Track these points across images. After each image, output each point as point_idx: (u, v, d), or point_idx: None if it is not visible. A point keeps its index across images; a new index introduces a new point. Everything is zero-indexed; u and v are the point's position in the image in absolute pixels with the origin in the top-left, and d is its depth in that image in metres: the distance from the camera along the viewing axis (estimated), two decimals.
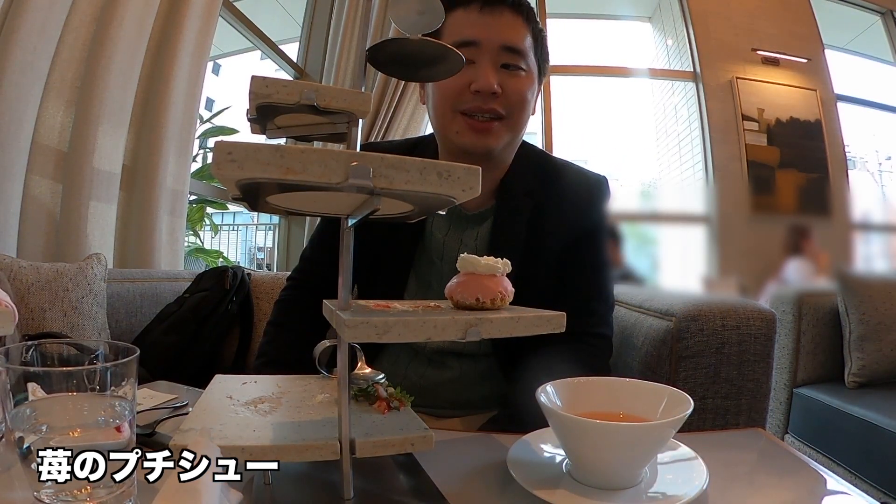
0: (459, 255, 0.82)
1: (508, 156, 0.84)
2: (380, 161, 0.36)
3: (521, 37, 0.77)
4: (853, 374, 1.72)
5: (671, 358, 0.82)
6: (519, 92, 0.77)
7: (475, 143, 0.77)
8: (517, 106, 0.77)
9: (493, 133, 0.77)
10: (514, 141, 0.82)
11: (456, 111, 0.77)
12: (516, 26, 0.77)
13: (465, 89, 0.75)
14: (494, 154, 0.79)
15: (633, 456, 0.45)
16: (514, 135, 0.80)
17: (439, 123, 0.80)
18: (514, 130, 0.79)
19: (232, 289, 1.49)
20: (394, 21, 0.42)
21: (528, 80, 0.78)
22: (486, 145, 0.77)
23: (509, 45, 0.76)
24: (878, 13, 3.68)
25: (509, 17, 0.76)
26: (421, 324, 0.38)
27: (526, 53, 0.77)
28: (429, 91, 0.82)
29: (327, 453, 0.41)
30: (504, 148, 0.80)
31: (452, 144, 0.79)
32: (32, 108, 1.37)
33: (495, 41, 0.75)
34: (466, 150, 0.77)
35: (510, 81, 0.76)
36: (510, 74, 0.77)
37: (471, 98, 0.75)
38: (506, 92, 0.76)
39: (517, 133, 0.81)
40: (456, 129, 0.77)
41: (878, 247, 3.09)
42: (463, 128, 0.77)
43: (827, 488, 0.52)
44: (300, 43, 2.96)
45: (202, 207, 3.47)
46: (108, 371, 0.39)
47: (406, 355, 0.86)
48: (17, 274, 1.11)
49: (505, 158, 0.83)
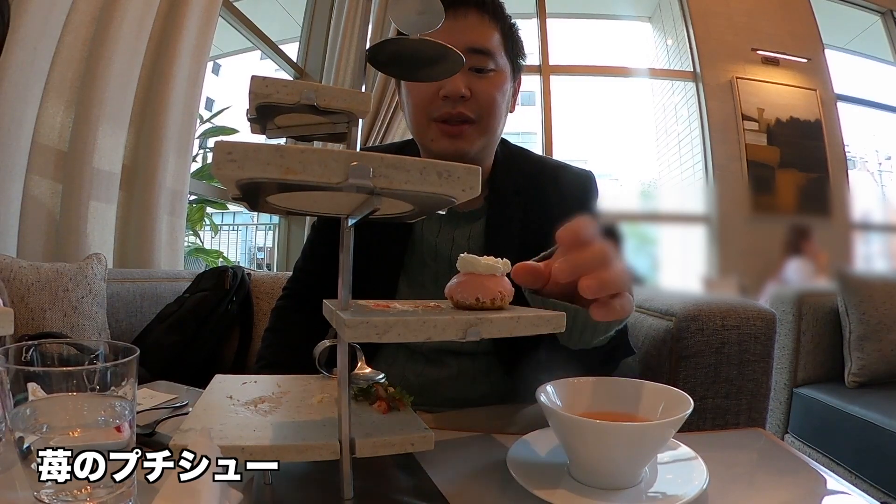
0: (452, 254, 0.83)
1: (487, 156, 0.84)
2: (380, 161, 0.36)
3: (488, 37, 0.77)
4: (853, 373, 1.72)
5: (671, 358, 0.82)
6: (488, 93, 0.77)
7: (448, 148, 0.77)
8: (487, 108, 0.77)
9: (465, 137, 0.77)
10: (490, 142, 0.82)
11: (430, 119, 0.77)
12: (482, 26, 0.77)
13: (436, 96, 0.76)
14: (469, 157, 0.79)
15: (633, 456, 0.45)
16: (487, 137, 0.80)
17: (415, 131, 0.81)
18: (487, 133, 0.79)
19: (232, 289, 1.49)
20: (393, 21, 0.42)
21: (497, 80, 0.78)
22: (459, 149, 0.77)
23: (475, 46, 0.76)
24: (878, 13, 3.69)
25: (475, 18, 0.76)
26: (421, 324, 0.38)
27: (494, 53, 0.77)
28: (403, 99, 0.82)
29: (327, 453, 0.41)
30: (480, 150, 0.80)
31: (429, 150, 0.80)
32: (32, 108, 1.37)
33: (460, 44, 0.74)
34: (441, 156, 0.78)
35: (479, 84, 0.76)
36: (479, 77, 0.77)
37: (441, 104, 0.76)
38: (475, 95, 0.76)
39: (491, 135, 0.80)
40: (431, 137, 0.78)
41: (878, 247, 3.09)
42: (437, 134, 0.78)
43: (827, 488, 0.52)
44: (300, 43, 2.96)
45: (202, 207, 3.47)
46: (108, 371, 0.39)
47: (403, 354, 0.86)
48: (17, 274, 1.11)
49: (486, 158, 0.84)
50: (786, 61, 3.30)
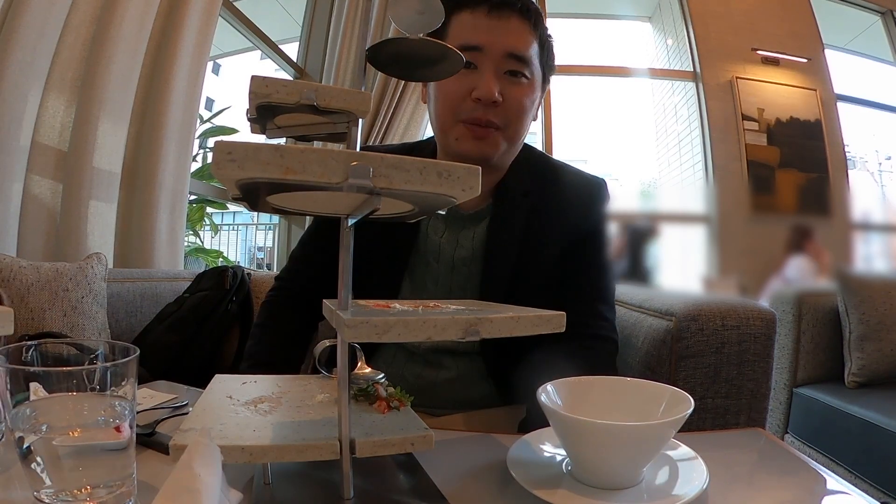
0: (455, 255, 0.83)
1: (507, 161, 0.83)
2: (380, 161, 0.36)
3: (528, 44, 0.76)
4: (853, 373, 1.72)
5: (671, 358, 0.82)
6: (518, 101, 0.76)
7: (473, 150, 0.76)
8: (515, 115, 0.77)
9: (491, 141, 0.77)
10: (513, 148, 0.81)
11: (457, 119, 0.76)
12: (523, 33, 0.76)
13: (467, 96, 0.75)
14: (491, 162, 0.78)
15: (634, 456, 0.45)
16: (511, 143, 0.79)
17: (440, 128, 0.80)
18: (512, 139, 0.79)
19: (232, 289, 1.49)
20: (394, 21, 0.42)
21: (529, 88, 0.77)
22: (484, 153, 0.77)
23: (514, 52, 0.75)
24: (878, 13, 3.68)
25: (516, 23, 0.75)
26: (421, 323, 0.38)
27: (530, 61, 0.76)
28: (431, 93, 0.81)
29: (327, 453, 0.41)
30: (502, 156, 0.79)
31: (451, 149, 0.79)
32: (32, 107, 1.37)
33: (500, 47, 0.74)
34: (464, 157, 0.77)
35: (511, 90, 0.76)
36: (512, 82, 0.76)
37: (471, 107, 0.75)
38: (506, 100, 0.75)
39: (515, 142, 0.80)
40: (455, 136, 0.77)
41: (878, 247, 3.10)
42: (462, 134, 0.77)
43: (827, 488, 0.52)
44: (300, 43, 2.96)
45: (202, 207, 3.47)
46: (108, 371, 0.39)
47: (402, 355, 0.86)
48: (17, 274, 1.11)
49: (503, 163, 0.83)
50: (786, 61, 3.30)
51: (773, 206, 3.18)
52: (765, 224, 3.02)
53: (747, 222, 3.02)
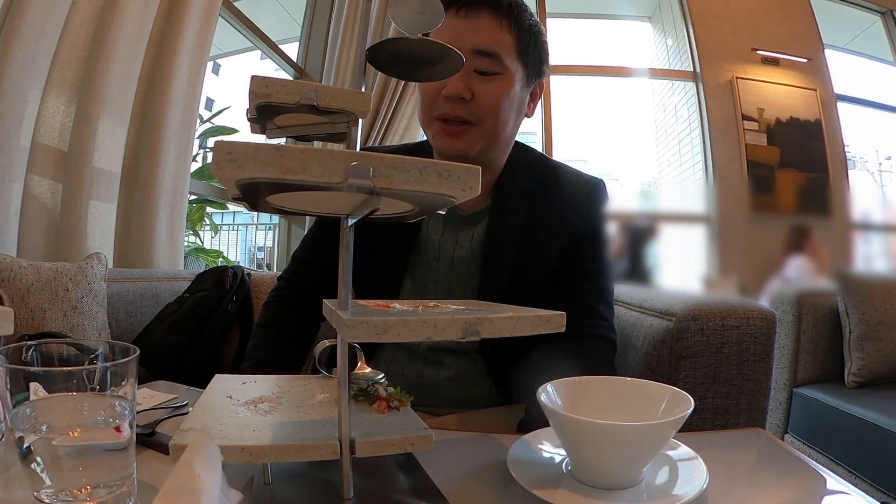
0: (454, 255, 0.83)
1: (497, 158, 0.83)
2: (380, 161, 0.36)
3: (497, 39, 0.75)
4: (853, 373, 1.72)
5: (671, 358, 0.82)
6: (490, 96, 0.76)
7: (447, 147, 0.77)
8: (488, 111, 0.76)
9: (465, 137, 0.77)
10: (495, 145, 0.80)
11: (432, 116, 0.78)
12: (492, 28, 0.75)
13: (439, 94, 0.76)
14: (469, 158, 0.78)
15: (634, 456, 0.45)
16: (490, 140, 0.79)
17: (422, 127, 0.82)
18: (491, 136, 0.78)
19: (232, 289, 1.49)
20: (393, 21, 0.42)
21: (503, 83, 0.77)
22: (458, 149, 0.77)
23: (481, 48, 0.75)
24: (878, 13, 3.69)
25: (487, 20, 0.75)
26: (421, 323, 0.38)
27: (501, 56, 0.76)
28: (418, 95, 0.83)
29: (327, 453, 0.41)
30: (483, 152, 0.79)
31: (434, 147, 0.81)
32: (32, 107, 1.37)
33: (466, 45, 0.74)
34: (441, 153, 0.79)
35: (481, 87, 0.76)
36: (482, 80, 0.76)
37: (443, 104, 0.76)
38: (476, 97, 0.75)
39: (495, 137, 0.79)
40: (432, 133, 0.79)
41: (878, 247, 3.10)
42: (437, 132, 0.78)
43: (827, 488, 0.52)
44: (300, 43, 2.96)
45: (202, 207, 3.47)
46: (108, 371, 0.39)
47: (402, 354, 0.86)
48: (17, 274, 1.11)
49: (494, 160, 0.83)
50: (786, 61, 3.30)
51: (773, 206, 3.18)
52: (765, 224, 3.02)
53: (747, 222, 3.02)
